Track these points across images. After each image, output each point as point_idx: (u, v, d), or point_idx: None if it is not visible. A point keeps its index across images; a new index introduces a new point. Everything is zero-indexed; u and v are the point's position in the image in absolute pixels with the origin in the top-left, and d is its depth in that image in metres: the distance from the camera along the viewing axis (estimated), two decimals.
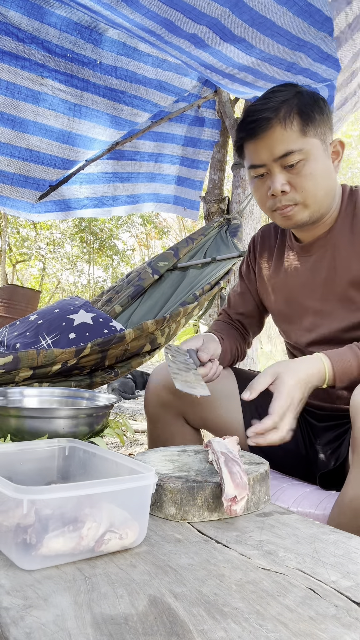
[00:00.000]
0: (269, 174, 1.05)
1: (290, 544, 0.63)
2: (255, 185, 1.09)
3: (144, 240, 14.07)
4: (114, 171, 2.74)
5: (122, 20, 1.71)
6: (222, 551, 0.61)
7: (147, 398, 1.27)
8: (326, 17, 1.60)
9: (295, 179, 1.02)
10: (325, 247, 1.12)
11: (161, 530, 0.66)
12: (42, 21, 1.99)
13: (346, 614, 0.48)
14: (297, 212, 1.05)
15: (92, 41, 2.13)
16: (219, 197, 2.77)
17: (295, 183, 1.03)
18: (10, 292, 3.87)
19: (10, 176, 2.35)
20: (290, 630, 0.45)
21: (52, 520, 0.55)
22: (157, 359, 7.82)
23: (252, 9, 1.54)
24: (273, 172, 1.04)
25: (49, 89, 2.18)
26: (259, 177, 1.07)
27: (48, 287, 13.43)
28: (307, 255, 1.16)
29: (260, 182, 1.07)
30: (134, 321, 2.07)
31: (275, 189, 1.03)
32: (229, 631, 0.45)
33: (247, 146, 1.06)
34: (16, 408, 0.94)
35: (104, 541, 0.57)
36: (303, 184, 1.02)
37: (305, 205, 1.05)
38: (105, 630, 0.44)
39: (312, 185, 1.03)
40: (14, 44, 2.00)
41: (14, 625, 0.44)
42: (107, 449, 0.76)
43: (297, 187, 1.03)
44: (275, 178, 1.03)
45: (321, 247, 1.13)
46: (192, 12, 1.54)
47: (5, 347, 1.86)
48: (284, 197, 1.04)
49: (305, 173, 1.02)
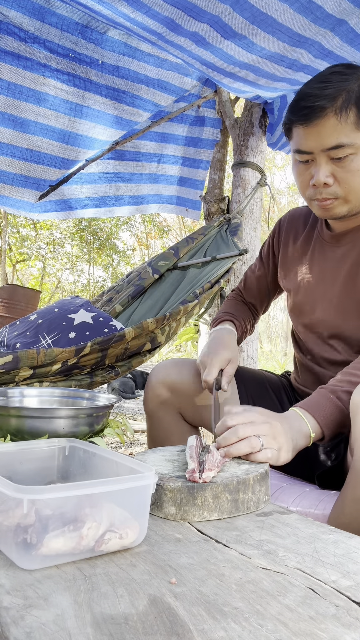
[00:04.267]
0: (314, 162, 1.01)
1: (290, 543, 0.63)
2: (297, 170, 1.05)
3: (144, 240, 14.06)
4: (116, 171, 2.74)
5: (122, 19, 1.71)
6: (222, 551, 0.61)
7: (146, 396, 1.27)
8: (327, 14, 1.59)
9: (340, 172, 0.99)
10: (355, 241, 1.11)
11: (161, 529, 0.66)
12: (43, 21, 1.99)
13: (346, 614, 0.48)
14: (337, 206, 1.03)
15: (94, 41, 2.13)
16: (219, 196, 2.77)
17: (340, 177, 0.99)
18: (10, 292, 3.87)
19: (11, 176, 2.35)
20: (290, 630, 0.45)
21: (52, 520, 0.55)
22: (158, 358, 7.82)
23: (253, 6, 1.53)
24: (319, 162, 1.00)
25: (50, 89, 2.17)
26: (304, 163, 1.03)
27: (48, 287, 13.43)
28: (336, 245, 1.15)
29: (304, 168, 1.03)
30: (134, 320, 2.07)
31: (318, 180, 0.99)
32: (229, 631, 0.45)
33: (296, 129, 1.01)
34: (16, 408, 0.94)
35: (104, 541, 0.57)
36: (348, 179, 0.99)
37: (346, 200, 1.02)
38: (105, 630, 0.44)
39: (357, 181, 1.00)
40: (15, 44, 2.00)
41: (14, 625, 0.44)
42: (107, 448, 0.76)
43: (341, 181, 1.00)
44: (320, 168, 0.99)
45: (351, 240, 1.12)
46: (193, 10, 1.54)
47: (5, 346, 1.86)
48: (326, 190, 1.01)
49: (352, 168, 0.98)
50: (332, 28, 1.67)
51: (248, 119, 2.61)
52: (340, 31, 1.69)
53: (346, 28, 1.68)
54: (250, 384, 1.28)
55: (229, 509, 0.71)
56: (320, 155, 0.99)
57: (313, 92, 0.97)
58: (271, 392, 1.28)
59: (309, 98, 0.98)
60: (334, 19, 1.62)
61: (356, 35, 1.72)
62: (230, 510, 0.71)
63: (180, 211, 3.09)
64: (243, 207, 2.63)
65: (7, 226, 10.76)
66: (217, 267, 2.28)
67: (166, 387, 1.22)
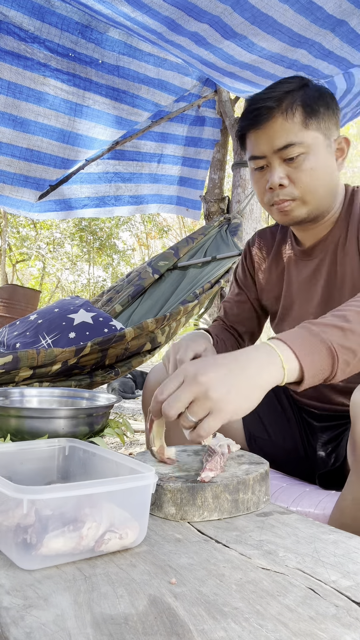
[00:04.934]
0: (269, 166, 1.02)
1: (290, 543, 0.63)
2: (255, 178, 1.07)
3: (144, 240, 14.06)
4: (116, 171, 2.74)
5: (123, 19, 1.71)
6: (222, 551, 0.61)
7: (144, 397, 1.27)
8: (328, 14, 1.59)
9: (294, 173, 0.99)
10: (326, 251, 1.09)
11: (161, 530, 0.66)
12: (43, 20, 1.99)
13: (346, 614, 0.48)
14: (295, 208, 1.02)
15: (94, 40, 2.13)
16: (219, 196, 2.77)
17: (294, 177, 1.00)
18: (10, 292, 3.88)
19: (11, 176, 2.35)
20: (290, 630, 0.45)
21: (52, 520, 0.55)
22: (158, 358, 7.82)
23: (253, 6, 1.53)
24: (272, 165, 1.01)
25: (50, 88, 2.17)
26: (259, 170, 1.04)
27: (48, 287, 13.43)
28: (308, 259, 1.13)
29: (260, 175, 1.05)
30: (134, 320, 2.07)
31: (273, 182, 1.00)
32: (229, 631, 0.45)
33: (249, 136, 1.04)
34: (16, 408, 0.93)
35: (104, 541, 0.57)
36: (302, 178, 0.99)
37: (303, 201, 1.01)
38: (105, 630, 0.44)
39: (312, 181, 1.00)
40: (15, 44, 2.00)
41: (14, 625, 0.44)
42: (107, 448, 0.76)
43: (295, 182, 1.00)
44: (274, 171, 1.00)
45: (322, 250, 1.10)
46: (194, 10, 1.54)
47: (5, 346, 1.86)
48: (282, 191, 1.01)
49: (305, 167, 0.99)
50: (333, 29, 1.67)
51: None
52: (340, 32, 1.69)
53: (346, 28, 1.68)
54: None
55: (229, 509, 0.71)
56: (273, 157, 1.00)
57: (261, 97, 1.01)
58: (271, 393, 1.27)
59: (257, 102, 1.00)
60: (335, 20, 1.62)
61: (356, 36, 1.72)
62: (230, 511, 0.71)
63: (180, 211, 3.09)
64: (243, 207, 2.63)
65: (7, 226, 10.76)
66: (217, 267, 2.28)
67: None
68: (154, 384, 1.23)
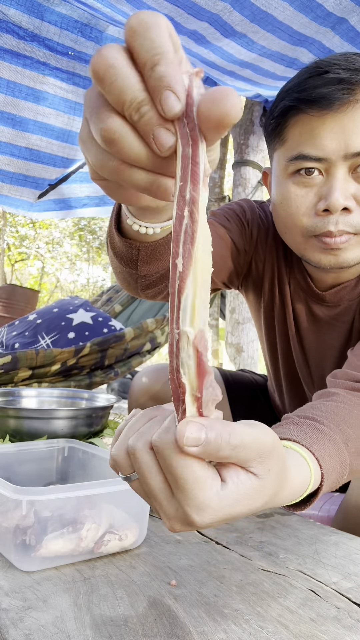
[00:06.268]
0: (327, 176, 0.68)
1: (291, 545, 0.63)
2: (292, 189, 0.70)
3: None
4: None
5: (121, 17, 1.70)
6: (223, 552, 0.60)
7: (129, 406, 1.23)
8: (328, 12, 1.59)
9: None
10: (351, 301, 0.80)
11: (161, 531, 0.66)
12: (42, 19, 1.99)
13: (347, 616, 0.48)
14: (351, 247, 0.69)
15: (93, 39, 2.13)
16: (219, 195, 2.76)
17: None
18: (9, 292, 3.87)
19: (10, 175, 2.34)
20: (291, 632, 0.45)
21: (51, 522, 0.55)
22: (157, 358, 7.82)
23: (253, 4, 1.53)
24: (334, 175, 0.67)
25: (49, 87, 2.17)
26: (305, 176, 0.68)
27: (47, 287, 13.43)
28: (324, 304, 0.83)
29: (302, 185, 0.69)
30: (134, 320, 2.07)
31: (333, 202, 0.65)
32: (230, 633, 0.44)
33: (299, 121, 0.68)
34: (15, 409, 0.93)
35: (104, 542, 0.57)
36: None
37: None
38: (104, 632, 0.44)
39: None
40: (15, 42, 1.99)
41: (13, 627, 0.44)
42: (106, 449, 0.76)
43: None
44: (337, 184, 0.66)
45: (346, 299, 0.81)
46: (193, 8, 1.54)
47: (4, 347, 1.86)
48: (344, 218, 0.67)
49: None
50: (333, 26, 1.66)
51: (248, 118, 2.61)
52: (340, 29, 1.69)
53: (347, 26, 1.67)
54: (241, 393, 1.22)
55: None
56: (338, 164, 0.66)
57: (339, 63, 0.65)
58: (263, 400, 1.23)
59: (334, 68, 0.64)
60: (335, 18, 1.62)
61: (357, 34, 1.71)
62: None
63: None
64: None
65: (6, 225, 10.76)
66: None
67: (148, 395, 1.16)
68: (138, 393, 1.11)
